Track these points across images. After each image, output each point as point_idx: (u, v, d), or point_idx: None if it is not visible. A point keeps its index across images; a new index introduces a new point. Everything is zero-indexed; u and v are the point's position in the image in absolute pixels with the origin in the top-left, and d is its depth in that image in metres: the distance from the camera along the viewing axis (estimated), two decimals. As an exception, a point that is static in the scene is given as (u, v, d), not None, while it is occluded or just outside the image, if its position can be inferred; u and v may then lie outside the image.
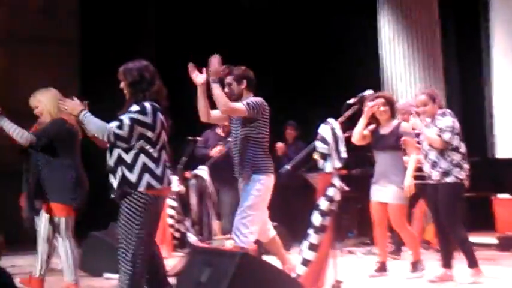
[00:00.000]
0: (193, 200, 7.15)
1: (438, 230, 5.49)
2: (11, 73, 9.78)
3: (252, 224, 4.86)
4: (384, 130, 5.65)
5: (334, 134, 4.58)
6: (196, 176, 7.07)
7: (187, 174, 7.52)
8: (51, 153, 4.91)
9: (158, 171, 4.03)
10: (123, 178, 4.01)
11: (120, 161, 4.03)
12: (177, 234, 8.04)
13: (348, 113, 5.11)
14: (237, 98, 5.04)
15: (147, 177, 3.98)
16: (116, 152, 4.05)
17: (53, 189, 4.90)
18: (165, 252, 7.63)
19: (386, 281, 5.46)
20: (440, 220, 5.32)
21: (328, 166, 4.52)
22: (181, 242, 8.10)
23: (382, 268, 5.64)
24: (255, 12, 9.88)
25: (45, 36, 9.38)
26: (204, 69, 4.76)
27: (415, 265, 5.57)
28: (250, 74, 5.14)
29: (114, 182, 4.07)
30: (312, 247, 4.39)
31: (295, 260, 4.70)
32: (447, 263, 5.34)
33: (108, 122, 4.05)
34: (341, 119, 4.92)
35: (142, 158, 4.01)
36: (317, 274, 4.37)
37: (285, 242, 7.59)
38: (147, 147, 4.03)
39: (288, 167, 4.96)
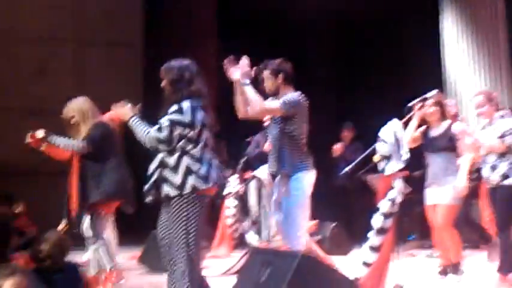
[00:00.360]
0: (253, 200, 7.18)
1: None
2: (78, 76, 10.13)
3: (300, 225, 4.68)
4: (435, 131, 5.51)
5: (395, 136, 4.53)
6: (256, 177, 7.10)
7: (247, 174, 7.57)
8: (97, 156, 5.08)
9: (202, 170, 4.00)
10: (167, 181, 4.00)
11: (163, 165, 4.03)
12: (236, 234, 8.11)
13: (410, 115, 5.04)
14: (274, 93, 4.76)
15: (191, 179, 3.96)
16: (159, 156, 4.05)
17: (96, 188, 5.06)
18: (224, 251, 7.73)
19: (448, 284, 5.35)
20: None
21: (390, 168, 4.47)
22: (240, 242, 8.17)
23: (444, 271, 5.53)
24: (319, 13, 9.85)
25: (110, 39, 9.60)
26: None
27: (456, 267, 5.42)
28: (287, 66, 4.79)
29: (146, 186, 4.08)
30: (373, 249, 4.35)
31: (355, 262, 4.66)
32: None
33: None
34: (403, 120, 4.85)
35: (185, 161, 3.99)
36: (378, 277, 4.33)
37: (345, 244, 7.59)
38: (189, 147, 4.01)
39: (347, 169, 4.90)
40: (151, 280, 4.42)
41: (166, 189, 3.98)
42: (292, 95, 4.67)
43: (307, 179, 4.66)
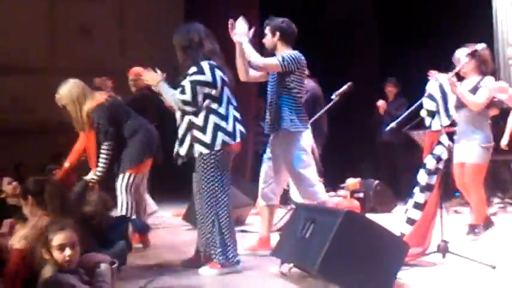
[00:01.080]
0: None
1: None
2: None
3: (312, 180, 4.80)
4: (466, 85, 5.34)
5: (442, 91, 4.42)
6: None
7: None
8: (114, 134, 5.10)
9: (229, 127, 4.20)
10: (198, 141, 4.16)
11: (191, 126, 4.19)
12: (279, 191, 8.13)
13: (457, 69, 4.89)
14: (272, 50, 4.86)
15: (220, 136, 4.15)
16: (187, 118, 4.21)
17: (124, 156, 5.16)
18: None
19: (493, 241, 5.26)
20: None
21: (436, 124, 4.37)
22: (283, 199, 8.18)
23: (471, 230, 5.39)
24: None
25: None
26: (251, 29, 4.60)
27: (473, 228, 5.32)
28: (285, 26, 4.84)
29: (182, 149, 4.24)
30: (418, 206, 4.29)
31: (398, 219, 4.62)
32: None
33: None
34: (451, 74, 4.71)
35: (212, 119, 4.16)
36: (422, 234, 4.27)
37: (389, 201, 7.54)
38: (214, 106, 4.18)
39: (393, 124, 4.81)
40: (194, 237, 4.54)
41: (199, 148, 4.17)
42: (291, 52, 4.78)
43: (306, 137, 4.82)
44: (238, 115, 4.33)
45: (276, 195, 5.03)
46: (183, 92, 4.16)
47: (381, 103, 8.43)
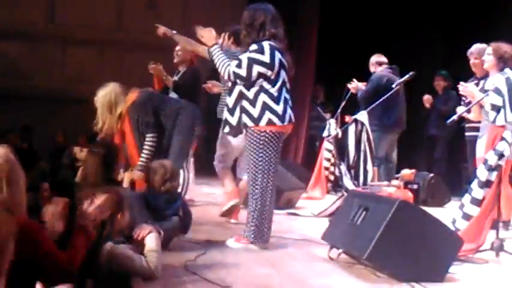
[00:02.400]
0: (351, 144, 7.09)
1: None
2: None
3: None
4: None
5: (510, 85, 4.28)
6: (356, 121, 6.99)
7: (347, 118, 7.47)
8: (155, 123, 5.07)
9: (279, 109, 4.21)
10: (246, 112, 4.21)
11: (241, 96, 4.24)
12: (331, 177, 8.11)
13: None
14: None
15: (267, 113, 4.18)
16: (238, 88, 4.26)
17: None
18: (319, 193, 7.75)
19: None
20: None
21: (500, 119, 4.25)
22: (334, 185, 8.16)
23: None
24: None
25: None
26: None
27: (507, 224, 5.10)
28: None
29: (232, 119, 4.28)
30: (475, 202, 4.20)
31: (452, 212, 4.52)
32: None
33: None
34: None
35: (263, 97, 4.20)
36: (478, 230, 4.18)
37: (443, 195, 7.41)
38: (267, 86, 4.20)
39: (455, 117, 4.70)
40: (244, 214, 4.58)
41: (245, 119, 4.23)
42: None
43: None
44: (289, 99, 4.33)
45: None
46: (239, 66, 4.20)
47: (426, 98, 8.23)
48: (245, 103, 4.24)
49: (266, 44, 4.22)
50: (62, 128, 10.68)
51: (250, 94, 4.22)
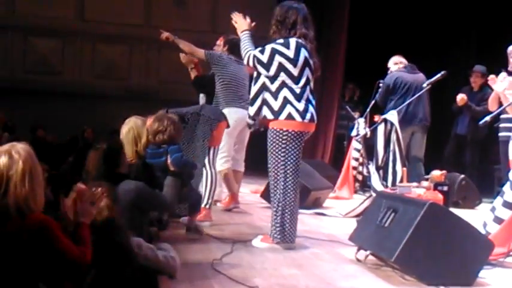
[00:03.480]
0: (380, 144, 7.01)
1: None
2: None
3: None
4: None
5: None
6: (385, 120, 6.91)
7: (376, 117, 7.39)
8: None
9: (300, 106, 4.20)
10: (267, 104, 4.20)
11: (264, 87, 4.24)
12: (359, 177, 8.04)
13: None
14: None
15: (288, 108, 4.17)
16: (261, 79, 4.26)
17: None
18: (347, 193, 7.69)
19: None
20: None
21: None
22: (362, 185, 8.09)
23: None
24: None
25: None
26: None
27: None
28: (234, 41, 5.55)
29: (251, 108, 4.31)
30: (508, 205, 4.11)
31: (483, 215, 4.44)
32: None
33: None
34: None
35: (285, 92, 4.19)
36: (509, 234, 4.09)
37: (474, 197, 7.29)
38: (289, 82, 4.19)
39: (488, 118, 4.59)
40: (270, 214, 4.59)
41: (265, 111, 4.24)
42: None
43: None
44: (313, 99, 4.31)
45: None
46: (261, 52, 4.22)
47: (460, 98, 7.88)
48: (267, 95, 4.23)
49: (293, 40, 4.21)
50: (90, 124, 10.76)
51: (273, 87, 4.22)
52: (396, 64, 7.45)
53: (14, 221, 2.39)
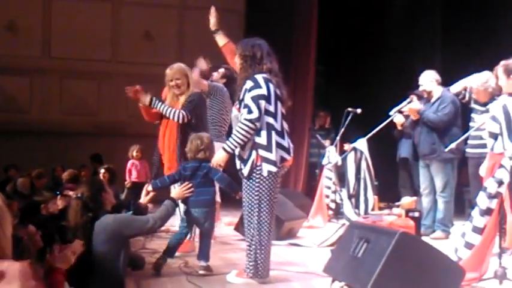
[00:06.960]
0: (351, 172, 7.08)
1: None
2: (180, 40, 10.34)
3: None
4: None
5: (506, 113, 4.28)
6: (355, 149, 6.99)
7: (346, 146, 7.46)
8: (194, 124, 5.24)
9: (285, 143, 4.25)
10: (266, 160, 4.16)
11: (255, 146, 4.19)
12: (332, 205, 8.06)
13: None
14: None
15: (280, 152, 4.21)
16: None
17: None
18: (320, 222, 7.70)
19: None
20: None
21: (498, 146, 4.24)
22: (335, 213, 8.11)
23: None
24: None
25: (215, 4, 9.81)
26: None
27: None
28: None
29: (244, 170, 4.22)
30: (477, 230, 4.16)
31: (454, 241, 4.48)
32: None
33: None
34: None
35: (273, 136, 4.19)
36: (480, 258, 4.14)
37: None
38: (271, 120, 4.20)
39: (453, 145, 4.69)
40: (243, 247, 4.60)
41: (268, 168, 4.18)
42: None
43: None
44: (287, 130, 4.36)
45: None
46: (250, 111, 4.15)
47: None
48: (262, 152, 4.17)
49: (259, 77, 4.23)
50: (60, 161, 10.63)
51: (263, 139, 4.17)
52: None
53: None
